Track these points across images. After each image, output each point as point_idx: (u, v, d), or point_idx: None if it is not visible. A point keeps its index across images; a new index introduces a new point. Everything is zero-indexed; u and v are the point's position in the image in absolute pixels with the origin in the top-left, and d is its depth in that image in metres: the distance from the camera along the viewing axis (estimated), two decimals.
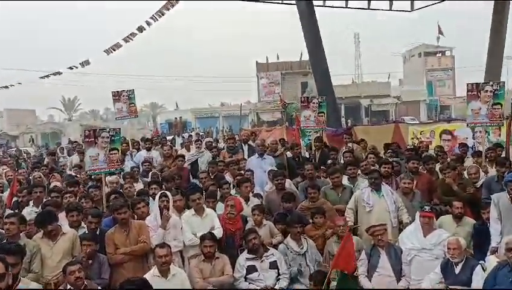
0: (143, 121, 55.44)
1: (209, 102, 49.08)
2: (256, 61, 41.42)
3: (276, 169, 6.59)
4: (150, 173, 7.27)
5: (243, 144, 8.86)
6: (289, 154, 8.18)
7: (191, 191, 4.83)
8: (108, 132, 5.96)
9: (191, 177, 7.39)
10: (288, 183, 6.08)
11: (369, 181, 5.19)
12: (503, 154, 6.73)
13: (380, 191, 5.15)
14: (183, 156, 7.57)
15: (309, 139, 11.11)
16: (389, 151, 7.70)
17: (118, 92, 8.82)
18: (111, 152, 5.88)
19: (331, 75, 14.30)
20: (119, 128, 6.00)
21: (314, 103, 7.92)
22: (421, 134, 9.28)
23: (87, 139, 5.79)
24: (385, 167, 5.78)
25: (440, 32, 44.59)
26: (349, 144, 8.31)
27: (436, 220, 4.63)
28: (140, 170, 7.68)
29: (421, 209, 4.53)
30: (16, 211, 5.09)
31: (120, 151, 5.94)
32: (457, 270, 3.93)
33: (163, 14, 11.67)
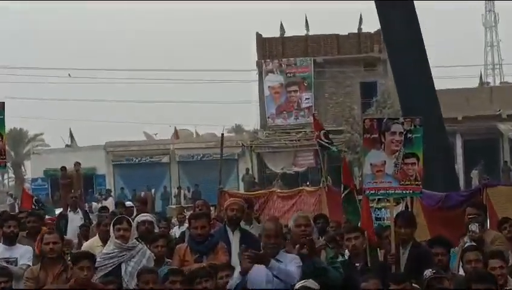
0: None
1: (146, 129, 49.17)
2: (257, 34, 42.38)
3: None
4: None
5: (227, 228, 9.00)
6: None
7: None
8: None
9: None
10: None
11: None
12: None
13: None
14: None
15: (379, 218, 11.11)
16: None
17: None
18: None
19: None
20: None
21: (394, 132, 8.04)
22: None
23: None
24: None
25: None
26: (472, 227, 8.35)
27: None
28: None
29: None
30: None
31: None
32: None
33: None
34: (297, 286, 6.85)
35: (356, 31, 42.51)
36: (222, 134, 19.40)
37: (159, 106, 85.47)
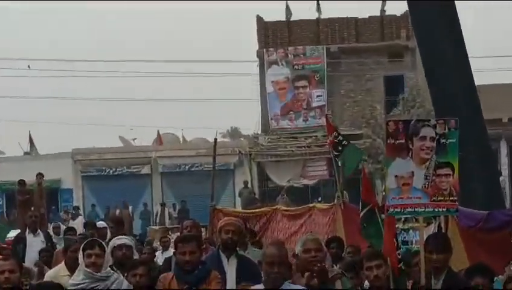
0: None
1: (122, 133, 49.02)
2: (258, 17, 42.40)
3: None
4: None
5: (221, 254, 9.10)
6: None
7: None
8: None
9: None
10: None
11: None
12: None
13: None
14: None
15: (405, 242, 11.05)
16: None
17: None
18: None
19: None
20: None
21: (424, 136, 8.09)
22: None
23: None
24: None
25: None
26: None
27: None
28: None
29: None
30: None
31: None
32: None
33: None
34: None
35: (378, 14, 42.58)
36: (215, 139, 19.45)
37: (138, 104, 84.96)
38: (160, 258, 14.52)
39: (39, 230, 15.50)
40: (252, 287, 7.47)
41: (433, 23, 14.85)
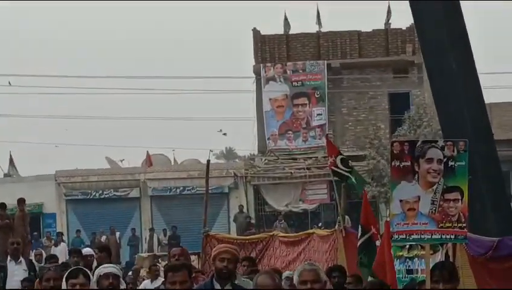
0: None
1: (108, 154, 48.94)
2: (255, 30, 42.42)
3: None
4: None
5: (215, 283, 9.13)
6: None
7: None
8: None
9: None
10: None
11: None
12: None
13: None
14: None
15: (410, 271, 11.05)
16: None
17: None
18: None
19: None
20: None
21: (431, 158, 8.10)
22: None
23: None
24: None
25: None
26: None
27: None
28: None
29: None
30: None
31: None
32: None
33: None
34: None
35: (383, 27, 42.63)
36: (208, 160, 19.46)
37: (125, 123, 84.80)
38: (149, 287, 14.52)
39: (21, 258, 15.47)
40: None
41: (440, 36, 14.89)
